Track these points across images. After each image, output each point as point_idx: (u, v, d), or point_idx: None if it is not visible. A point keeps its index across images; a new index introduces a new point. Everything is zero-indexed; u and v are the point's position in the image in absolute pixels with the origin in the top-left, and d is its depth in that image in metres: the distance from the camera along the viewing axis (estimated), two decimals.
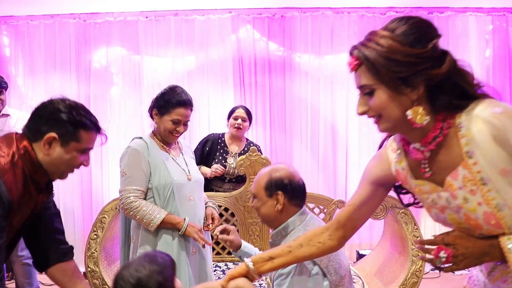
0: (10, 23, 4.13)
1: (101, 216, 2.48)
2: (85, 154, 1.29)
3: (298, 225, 1.46)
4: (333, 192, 4.08)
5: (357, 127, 4.11)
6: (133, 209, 1.80)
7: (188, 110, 1.91)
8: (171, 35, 4.08)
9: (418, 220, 3.75)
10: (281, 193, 1.44)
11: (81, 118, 1.24)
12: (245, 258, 1.21)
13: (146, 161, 1.85)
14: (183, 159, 2.00)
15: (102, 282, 2.41)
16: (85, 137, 1.25)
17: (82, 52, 4.11)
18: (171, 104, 1.87)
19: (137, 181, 1.84)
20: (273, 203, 1.45)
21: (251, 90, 4.12)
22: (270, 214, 1.48)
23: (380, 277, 2.63)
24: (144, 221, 1.80)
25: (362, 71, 0.94)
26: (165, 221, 1.80)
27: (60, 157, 1.22)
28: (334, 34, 4.09)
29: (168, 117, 1.87)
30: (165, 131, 1.90)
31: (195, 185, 1.97)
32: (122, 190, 1.86)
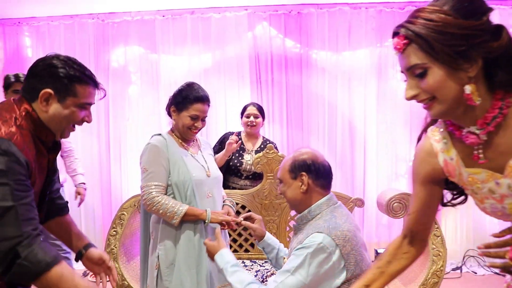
0: (31, 24, 4.22)
1: (120, 213, 2.51)
2: (85, 109, 1.27)
3: (324, 209, 1.46)
4: (351, 190, 4.03)
5: (375, 124, 4.05)
6: (156, 204, 1.79)
7: (206, 105, 1.91)
8: (187, 33, 4.10)
9: (439, 219, 3.68)
10: (305, 174, 1.46)
11: (75, 72, 1.22)
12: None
13: (166, 157, 1.85)
14: (201, 156, 2.00)
15: (121, 278, 2.44)
16: (81, 91, 1.23)
17: (100, 52, 4.17)
18: (188, 100, 1.88)
19: (158, 176, 1.84)
20: (298, 184, 1.48)
21: (268, 87, 4.11)
22: (296, 197, 1.49)
23: (399, 277, 2.58)
24: (167, 215, 1.79)
25: (412, 50, 0.88)
26: (187, 214, 1.79)
27: (59, 113, 1.21)
28: (352, 30, 4.04)
29: (186, 113, 1.88)
30: (183, 127, 1.91)
31: (214, 181, 1.97)
32: (144, 186, 1.85)
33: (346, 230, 1.37)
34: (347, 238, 1.35)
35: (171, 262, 1.81)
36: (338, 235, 1.34)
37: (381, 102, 4.05)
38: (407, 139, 4.05)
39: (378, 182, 4.04)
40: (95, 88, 1.29)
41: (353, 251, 1.35)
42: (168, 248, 1.83)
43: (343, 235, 1.35)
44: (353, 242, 1.36)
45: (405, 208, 2.49)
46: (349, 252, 1.34)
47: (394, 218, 2.54)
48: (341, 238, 1.34)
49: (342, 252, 1.33)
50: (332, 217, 1.41)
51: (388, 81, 4.03)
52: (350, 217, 1.47)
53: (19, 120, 1.16)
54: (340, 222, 1.39)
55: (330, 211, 1.45)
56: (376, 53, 4.03)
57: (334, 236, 1.34)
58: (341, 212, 1.45)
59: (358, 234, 1.43)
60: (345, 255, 1.34)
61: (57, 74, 1.20)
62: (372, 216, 4.05)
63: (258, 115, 3.09)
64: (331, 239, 1.33)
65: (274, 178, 2.81)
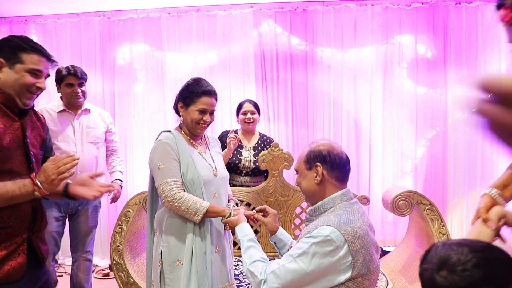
0: (38, 22, 4.24)
1: (126, 210, 2.52)
2: (36, 76, 1.48)
3: (338, 203, 1.43)
4: (356, 187, 4.03)
5: (380, 122, 4.03)
6: (177, 200, 1.75)
7: (213, 99, 1.90)
8: (193, 31, 4.10)
9: (444, 216, 3.67)
10: (320, 165, 1.45)
11: (20, 43, 1.46)
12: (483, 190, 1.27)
13: (177, 154, 1.84)
14: (209, 154, 1.98)
15: (127, 275, 2.46)
16: (27, 58, 1.46)
17: (106, 49, 4.19)
18: (195, 94, 1.86)
19: (174, 172, 1.81)
20: (312, 175, 1.47)
21: (273, 85, 4.10)
22: (310, 188, 1.48)
23: (404, 275, 2.58)
24: (189, 211, 1.76)
25: None
26: (209, 210, 1.78)
27: (10, 78, 1.45)
28: (358, 27, 4.02)
29: (194, 107, 1.86)
30: (192, 122, 1.88)
31: (221, 181, 1.96)
32: (162, 183, 1.79)
33: (358, 227, 1.34)
34: (358, 235, 1.32)
35: (174, 260, 1.81)
36: (348, 231, 1.31)
37: (387, 99, 4.03)
38: (413, 137, 4.03)
39: (383, 180, 4.03)
40: (43, 57, 1.49)
41: (362, 249, 1.32)
42: (171, 246, 1.82)
43: (353, 232, 1.32)
44: (363, 240, 1.33)
45: (411, 206, 2.48)
46: (358, 249, 1.31)
47: (400, 215, 2.53)
48: (351, 234, 1.31)
49: (351, 248, 1.30)
50: (345, 212, 1.39)
51: (394, 78, 4.01)
52: (365, 215, 1.44)
53: None
54: (353, 218, 1.36)
55: (344, 206, 1.42)
56: (382, 50, 4.01)
57: (344, 231, 1.31)
58: (356, 209, 1.42)
59: (371, 234, 1.40)
60: (353, 252, 1.30)
61: (7, 45, 1.46)
62: (377, 213, 4.04)
63: (255, 111, 3.10)
64: (340, 234, 1.30)
65: (279, 175, 2.81)
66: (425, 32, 3.98)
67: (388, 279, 2.42)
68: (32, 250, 1.52)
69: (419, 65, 3.99)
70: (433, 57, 3.99)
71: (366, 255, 1.33)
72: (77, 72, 2.62)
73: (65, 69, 2.61)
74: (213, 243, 1.87)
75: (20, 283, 1.45)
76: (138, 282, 2.45)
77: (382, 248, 3.83)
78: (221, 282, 1.90)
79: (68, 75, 2.59)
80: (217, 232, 1.90)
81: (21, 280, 1.46)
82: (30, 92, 1.49)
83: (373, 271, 1.36)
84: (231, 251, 2.02)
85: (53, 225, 2.55)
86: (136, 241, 2.66)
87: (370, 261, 1.34)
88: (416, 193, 2.49)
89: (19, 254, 1.45)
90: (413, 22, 3.97)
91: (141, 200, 2.52)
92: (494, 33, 3.87)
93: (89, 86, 4.14)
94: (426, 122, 4.04)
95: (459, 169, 3.97)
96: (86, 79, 2.73)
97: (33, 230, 1.53)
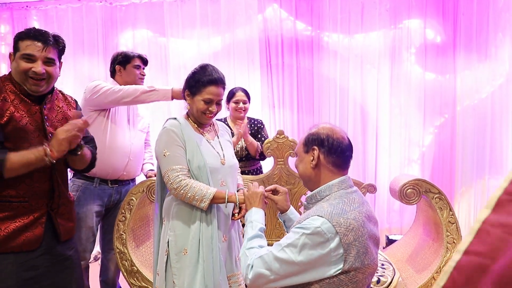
0: (39, 8, 4.18)
1: (129, 198, 2.49)
2: (31, 61, 1.58)
3: (335, 191, 1.36)
4: (363, 176, 3.98)
5: (388, 109, 3.96)
6: (183, 187, 1.72)
7: (220, 88, 1.84)
8: (196, 17, 4.02)
9: (452, 204, 3.62)
10: (317, 148, 1.38)
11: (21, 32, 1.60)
12: None
13: (183, 141, 1.80)
14: (218, 142, 1.93)
15: (130, 264, 2.44)
16: (21, 45, 1.58)
17: (109, 35, 4.13)
18: (201, 83, 1.81)
19: (180, 159, 1.77)
20: (309, 159, 1.40)
21: (278, 71, 4.03)
22: (305, 172, 1.42)
23: (412, 264, 2.55)
24: (196, 198, 1.71)
25: None
26: (216, 196, 1.73)
27: (14, 68, 1.61)
28: (365, 12, 3.93)
29: (200, 97, 1.81)
30: (197, 112, 1.84)
31: (229, 170, 1.89)
32: (168, 171, 1.76)
33: (352, 218, 1.26)
34: (351, 227, 1.24)
35: (180, 249, 1.77)
36: (341, 222, 1.24)
37: (394, 85, 3.96)
38: (421, 124, 3.96)
39: (390, 168, 3.98)
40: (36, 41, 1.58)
41: (356, 242, 1.24)
42: (178, 235, 1.78)
43: (346, 223, 1.24)
44: (357, 232, 1.25)
45: (419, 194, 2.43)
46: (350, 242, 1.23)
47: (407, 204, 2.48)
48: (344, 226, 1.24)
49: (342, 241, 1.23)
50: (340, 202, 1.31)
51: (402, 64, 3.93)
52: (364, 205, 1.35)
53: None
54: (348, 209, 1.29)
55: (339, 195, 1.34)
56: (390, 36, 3.92)
57: (336, 222, 1.24)
58: (353, 199, 1.34)
59: (368, 225, 1.31)
60: (345, 245, 1.23)
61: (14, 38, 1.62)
62: (383, 202, 4.00)
63: (246, 100, 3.03)
64: (331, 225, 1.23)
65: (284, 163, 2.76)
66: (434, 17, 3.88)
67: (395, 268, 2.39)
68: (52, 225, 1.67)
69: (428, 50, 3.90)
70: (443, 42, 3.89)
71: (360, 248, 1.25)
72: (143, 55, 2.69)
73: (132, 52, 2.67)
74: (220, 233, 1.83)
75: (35, 253, 1.60)
76: (142, 271, 2.44)
77: (389, 236, 3.79)
78: (228, 271, 1.87)
79: (135, 57, 2.63)
80: (224, 222, 1.86)
81: (37, 251, 1.61)
82: (32, 78, 1.58)
83: (367, 265, 1.28)
84: (239, 242, 1.97)
85: (93, 220, 2.44)
86: (139, 230, 2.64)
87: (364, 254, 1.27)
88: (424, 181, 2.44)
89: (36, 227, 1.60)
90: (422, 6, 3.86)
91: (144, 188, 2.48)
92: (506, 17, 3.75)
93: (91, 73, 4.12)
94: (434, 109, 3.96)
95: (467, 157, 3.90)
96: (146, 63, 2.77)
97: (52, 207, 1.67)
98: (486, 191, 3.87)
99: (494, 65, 3.81)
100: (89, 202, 2.42)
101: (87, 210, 2.40)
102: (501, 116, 3.82)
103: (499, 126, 3.84)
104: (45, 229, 1.63)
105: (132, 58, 2.62)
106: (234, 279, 1.90)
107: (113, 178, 2.49)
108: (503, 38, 3.78)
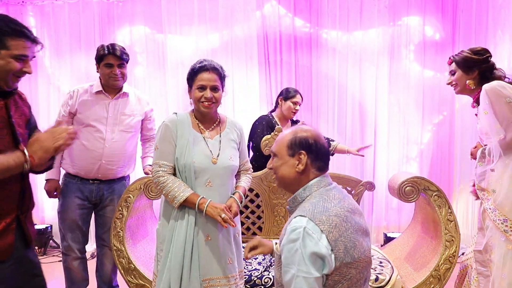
0: (35, 4, 4.15)
1: (126, 196, 2.47)
2: (22, 61, 1.43)
3: (315, 191, 1.35)
4: (360, 173, 3.97)
5: (386, 106, 3.95)
6: (161, 184, 1.80)
7: (212, 74, 1.85)
8: (194, 13, 4.00)
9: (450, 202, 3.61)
10: (305, 153, 1.35)
11: (6, 27, 1.39)
12: None
13: (175, 137, 1.84)
14: (218, 141, 1.90)
15: (127, 261, 2.42)
16: (12, 44, 1.40)
17: (106, 32, 4.09)
18: (194, 72, 1.86)
19: (167, 156, 1.83)
20: (294, 163, 1.37)
21: (277, 68, 4.01)
22: (289, 175, 1.38)
23: (410, 262, 2.54)
24: (169, 197, 1.79)
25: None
26: (187, 200, 1.77)
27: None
28: (364, 9, 3.91)
29: (194, 85, 1.85)
30: (196, 102, 1.86)
31: (221, 171, 1.86)
32: (153, 164, 1.86)
33: (334, 215, 1.26)
34: (334, 224, 1.24)
35: (163, 239, 1.84)
36: (323, 220, 1.24)
37: (393, 83, 3.94)
38: (419, 121, 3.95)
39: (388, 165, 3.97)
40: (29, 41, 1.43)
41: (341, 237, 1.24)
42: (163, 225, 1.87)
43: (329, 221, 1.24)
44: (341, 228, 1.25)
45: (418, 192, 2.42)
46: (336, 238, 1.23)
47: (406, 202, 2.47)
48: (327, 224, 1.24)
49: (329, 238, 1.22)
50: (320, 200, 1.31)
51: (401, 61, 3.91)
52: (345, 200, 1.35)
53: None
54: (329, 206, 1.29)
55: (319, 194, 1.33)
56: (388, 33, 3.90)
57: (319, 221, 1.24)
58: (333, 195, 1.33)
59: (353, 219, 1.31)
60: (332, 242, 1.22)
61: None
62: (381, 199, 3.99)
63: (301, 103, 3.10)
64: (314, 224, 1.23)
65: None
66: (433, 14, 3.86)
67: (393, 266, 2.38)
68: (21, 231, 1.50)
69: (427, 48, 3.89)
70: (442, 40, 3.88)
71: (347, 243, 1.25)
72: (117, 51, 2.44)
73: (106, 48, 2.45)
74: (200, 232, 1.82)
75: (7, 264, 1.43)
76: (139, 269, 2.42)
77: (387, 234, 3.79)
78: (212, 273, 1.83)
79: (108, 54, 2.42)
80: (207, 221, 1.82)
81: (8, 261, 1.43)
82: (17, 77, 1.48)
83: (359, 258, 1.27)
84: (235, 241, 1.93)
85: (75, 212, 2.48)
86: (136, 227, 2.62)
87: (353, 248, 1.26)
88: (423, 179, 2.43)
89: (8, 235, 1.43)
90: (421, 3, 3.85)
91: (141, 185, 2.46)
92: (505, 15, 3.74)
93: (88, 69, 4.09)
94: (432, 107, 3.95)
95: (465, 154, 3.88)
96: (127, 60, 2.52)
97: (22, 210, 1.51)
98: None
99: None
100: (70, 195, 2.50)
101: (69, 203, 2.49)
102: None
103: None
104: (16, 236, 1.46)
105: (103, 55, 2.43)
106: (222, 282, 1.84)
107: (87, 178, 2.50)
108: (502, 35, 3.77)
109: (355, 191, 2.75)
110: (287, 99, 3.02)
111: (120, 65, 2.46)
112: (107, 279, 2.67)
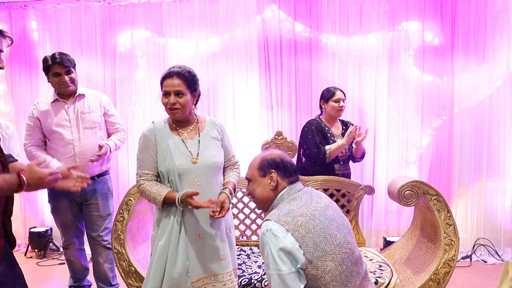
0: (37, 7, 4.17)
1: (127, 199, 2.48)
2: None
3: (285, 198, 1.52)
4: (360, 177, 3.98)
5: (386, 110, 3.97)
6: (142, 191, 1.90)
7: (176, 79, 1.86)
8: (195, 17, 4.02)
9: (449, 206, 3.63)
10: (274, 171, 1.55)
11: None
12: None
13: (154, 146, 1.89)
14: (197, 141, 1.93)
15: (128, 264, 2.43)
16: None
17: (107, 35, 4.12)
18: (162, 79, 1.92)
19: (146, 165, 1.91)
20: (267, 181, 1.55)
21: (277, 72, 4.03)
22: (264, 194, 1.56)
23: (409, 266, 2.55)
24: (152, 201, 1.88)
25: None
26: (167, 197, 1.83)
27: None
28: (363, 13, 3.93)
29: (162, 92, 1.91)
30: (165, 109, 1.91)
31: (205, 169, 1.89)
32: (136, 174, 1.95)
33: (299, 215, 1.40)
34: (299, 223, 1.38)
35: (155, 238, 1.91)
36: (288, 221, 1.38)
37: (392, 87, 3.96)
38: (418, 126, 3.97)
39: (388, 169, 3.98)
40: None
41: (309, 234, 1.37)
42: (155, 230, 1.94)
43: (294, 221, 1.38)
44: (308, 225, 1.38)
45: (417, 196, 2.43)
46: (303, 235, 1.36)
47: (405, 205, 2.48)
48: (292, 224, 1.37)
49: (295, 236, 1.36)
50: (286, 205, 1.46)
51: (400, 66, 3.93)
52: (313, 200, 1.49)
53: None
54: (294, 208, 1.43)
55: (287, 201, 1.49)
56: (388, 37, 3.92)
57: (284, 222, 1.38)
58: (300, 198, 1.48)
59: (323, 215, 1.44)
60: (299, 238, 1.36)
61: None
62: (381, 203, 4.00)
63: (345, 99, 3.04)
64: (279, 225, 1.37)
65: None
66: (432, 19, 3.89)
67: (392, 269, 2.39)
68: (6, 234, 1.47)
69: (426, 52, 3.91)
70: (441, 45, 3.90)
71: (316, 238, 1.37)
72: (62, 60, 2.54)
73: (50, 59, 2.55)
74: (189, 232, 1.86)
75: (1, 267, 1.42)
76: (140, 271, 2.43)
77: (386, 238, 3.80)
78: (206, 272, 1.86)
79: (53, 64, 2.54)
80: (197, 220, 1.86)
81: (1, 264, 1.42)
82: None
83: (332, 250, 1.38)
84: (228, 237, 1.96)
85: (66, 213, 2.69)
86: (137, 230, 2.63)
87: (324, 242, 1.38)
88: (422, 183, 2.45)
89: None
90: (421, 8, 3.87)
91: None
92: (503, 20, 3.77)
93: (90, 73, 4.11)
94: (432, 111, 3.97)
95: (464, 159, 3.91)
96: (73, 65, 2.63)
97: (7, 214, 1.47)
98: (483, 193, 3.88)
99: (492, 67, 3.82)
100: (58, 197, 2.67)
101: (58, 205, 2.69)
102: (499, 118, 3.84)
103: (496, 128, 3.86)
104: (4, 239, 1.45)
105: (49, 66, 2.55)
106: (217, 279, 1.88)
107: None
108: (501, 40, 3.80)
109: (355, 194, 2.76)
110: (328, 100, 2.98)
111: (68, 71, 2.58)
112: (105, 278, 2.73)
